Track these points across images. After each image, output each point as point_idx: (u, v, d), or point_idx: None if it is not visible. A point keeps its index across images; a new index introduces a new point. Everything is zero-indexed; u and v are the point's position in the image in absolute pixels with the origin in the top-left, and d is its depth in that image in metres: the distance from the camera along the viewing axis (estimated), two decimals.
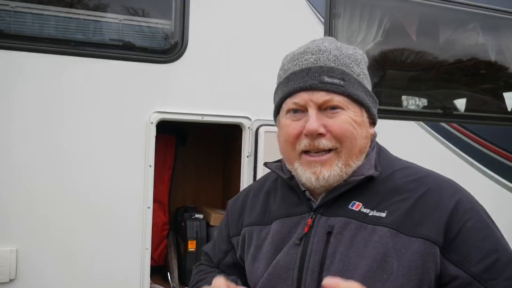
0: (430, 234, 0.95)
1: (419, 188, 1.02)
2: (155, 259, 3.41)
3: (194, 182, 4.08)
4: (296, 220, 1.08)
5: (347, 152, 1.03)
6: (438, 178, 1.07)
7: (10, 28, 2.47)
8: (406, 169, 1.08)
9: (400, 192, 1.02)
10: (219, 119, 2.75)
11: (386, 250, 0.96)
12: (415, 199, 1.00)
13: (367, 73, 1.11)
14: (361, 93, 1.06)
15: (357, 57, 1.09)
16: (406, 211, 0.99)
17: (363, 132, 1.06)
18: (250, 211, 1.20)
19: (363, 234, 0.99)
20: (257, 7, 2.83)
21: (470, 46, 3.62)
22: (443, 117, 3.39)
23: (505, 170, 3.45)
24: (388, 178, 1.05)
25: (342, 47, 1.08)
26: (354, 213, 1.02)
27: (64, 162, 2.46)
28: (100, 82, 2.52)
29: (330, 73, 1.03)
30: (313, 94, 1.02)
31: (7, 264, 2.34)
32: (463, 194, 1.03)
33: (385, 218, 0.99)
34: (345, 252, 0.98)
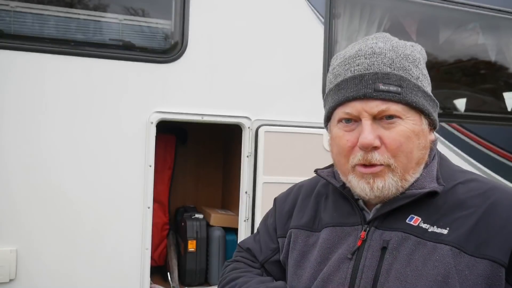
0: (496, 255, 0.86)
1: (486, 203, 0.92)
2: (155, 259, 3.41)
3: (194, 182, 4.08)
4: (347, 230, 1.01)
5: (402, 167, 0.95)
6: (507, 192, 0.95)
7: (10, 28, 2.47)
8: (470, 182, 0.98)
9: (463, 207, 0.92)
10: (219, 119, 2.75)
11: (448, 271, 0.87)
12: (480, 214, 0.90)
13: (426, 73, 1.01)
14: (420, 98, 0.95)
15: (416, 56, 0.99)
16: (470, 228, 0.89)
17: (421, 143, 0.96)
18: (299, 214, 1.14)
19: (422, 252, 0.90)
20: (257, 7, 2.83)
21: (470, 46, 3.62)
22: (443, 117, 3.40)
23: (505, 170, 3.45)
24: (450, 191, 0.96)
25: (399, 46, 0.99)
26: (412, 228, 0.93)
27: (64, 162, 2.46)
28: (100, 82, 2.52)
29: (386, 79, 0.93)
30: (367, 103, 0.94)
31: (7, 264, 2.34)
32: None
33: (446, 235, 0.90)
34: (402, 270, 0.90)
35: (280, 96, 2.84)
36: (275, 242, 1.18)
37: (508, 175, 3.47)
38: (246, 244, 1.26)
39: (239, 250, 1.29)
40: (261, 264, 1.19)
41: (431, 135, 1.01)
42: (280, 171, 2.79)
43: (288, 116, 2.83)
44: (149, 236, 2.61)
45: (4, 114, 2.37)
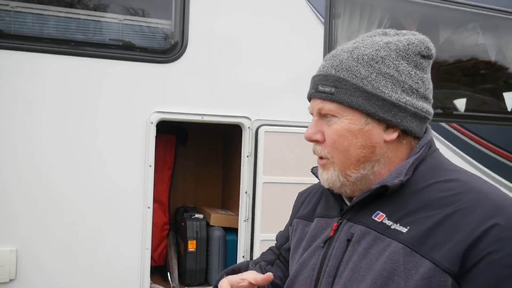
0: (440, 260, 0.84)
1: (451, 206, 0.89)
2: (155, 259, 3.41)
3: (194, 182, 4.08)
4: (328, 222, 1.09)
5: (339, 163, 1.01)
6: (480, 196, 0.90)
7: (10, 28, 2.47)
8: (448, 182, 0.94)
9: (429, 208, 0.91)
10: (219, 119, 2.75)
11: (395, 268, 0.88)
12: (442, 217, 0.88)
13: (388, 72, 0.98)
14: (357, 98, 0.97)
15: (377, 55, 0.99)
16: (428, 229, 0.89)
17: (359, 142, 0.98)
18: (305, 206, 1.24)
19: (379, 247, 0.93)
20: (257, 7, 2.83)
21: (470, 46, 3.62)
22: (443, 117, 3.40)
23: (505, 170, 3.45)
24: (423, 190, 0.95)
25: (363, 46, 1.01)
26: (375, 223, 0.97)
27: (64, 162, 2.46)
28: (100, 82, 2.53)
29: (325, 81, 1.01)
30: (313, 102, 1.05)
31: (7, 264, 2.34)
32: (505, 220, 0.85)
33: (404, 234, 0.91)
34: (358, 262, 0.95)
35: (280, 96, 2.84)
36: (287, 231, 1.31)
37: (508, 175, 3.47)
38: (277, 235, 1.40)
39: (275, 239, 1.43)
40: (278, 249, 1.33)
41: (391, 134, 0.99)
42: (280, 171, 2.79)
43: (288, 116, 2.83)
44: (149, 236, 2.61)
45: (4, 114, 2.37)
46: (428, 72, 1.03)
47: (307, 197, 1.27)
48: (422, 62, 1.01)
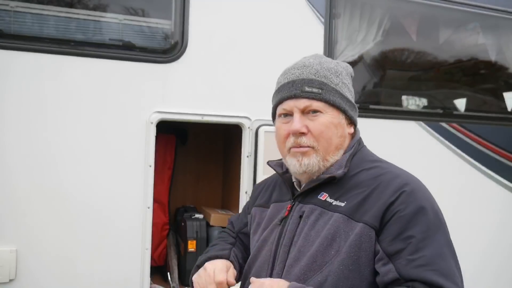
0: (369, 220, 1.15)
1: (374, 183, 1.21)
2: (155, 259, 3.41)
3: (194, 182, 4.08)
4: (283, 205, 1.36)
5: (323, 149, 1.26)
6: (394, 175, 1.23)
7: (10, 28, 2.47)
8: (372, 169, 1.27)
9: (360, 186, 1.23)
10: (219, 119, 2.75)
11: (336, 232, 1.18)
12: (368, 192, 1.20)
13: (347, 83, 1.33)
14: (337, 99, 1.28)
15: (338, 69, 1.32)
16: (360, 201, 1.19)
17: (338, 132, 1.28)
18: (262, 196, 1.49)
19: (324, 219, 1.22)
20: (257, 7, 2.83)
21: (470, 46, 3.62)
22: (443, 117, 3.40)
23: (505, 170, 3.45)
24: (355, 175, 1.26)
25: (325, 62, 1.32)
26: (321, 202, 1.25)
27: (64, 161, 2.46)
28: (100, 82, 2.52)
29: (310, 83, 1.27)
30: (297, 101, 1.27)
31: (7, 264, 2.34)
32: (410, 188, 1.18)
33: (343, 207, 1.21)
34: (308, 232, 1.23)
35: None
36: (246, 218, 1.55)
37: (508, 175, 3.47)
38: (232, 219, 1.65)
39: (228, 222, 1.66)
40: (236, 233, 1.56)
41: (350, 129, 1.33)
42: None
43: None
44: (149, 236, 2.61)
45: (4, 114, 2.37)
46: None
47: (262, 189, 1.52)
48: (351, 80, 1.38)
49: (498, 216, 3.46)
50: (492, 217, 3.43)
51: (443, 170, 3.27)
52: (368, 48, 3.24)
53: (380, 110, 3.26)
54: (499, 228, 3.46)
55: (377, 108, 3.27)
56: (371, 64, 3.32)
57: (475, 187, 3.39)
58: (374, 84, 3.39)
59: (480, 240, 3.36)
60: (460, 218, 3.17)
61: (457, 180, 3.33)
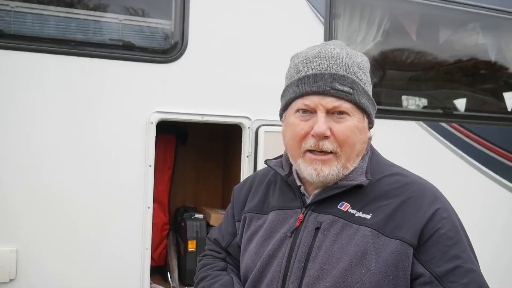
0: (406, 237, 1.05)
1: (403, 194, 1.11)
2: (155, 259, 3.41)
3: (194, 182, 4.08)
4: (289, 213, 1.19)
5: (345, 156, 1.13)
6: (422, 186, 1.15)
7: (10, 28, 2.47)
8: (394, 176, 1.17)
9: (385, 197, 1.11)
10: (219, 119, 2.75)
11: (366, 248, 1.05)
12: (398, 204, 1.09)
13: (370, 80, 1.20)
14: (366, 101, 1.15)
15: (364, 65, 1.18)
16: (389, 215, 1.08)
17: (362, 138, 1.16)
18: (252, 199, 1.32)
19: (348, 232, 1.09)
20: (257, 7, 2.83)
21: (470, 46, 3.62)
22: (443, 117, 3.39)
23: (505, 170, 3.45)
24: (377, 183, 1.14)
25: (352, 54, 1.16)
26: (342, 212, 1.12)
27: (64, 162, 2.46)
28: (100, 82, 2.52)
29: (342, 80, 1.10)
30: (324, 98, 1.10)
31: (7, 264, 2.34)
32: (442, 204, 1.11)
33: (369, 220, 1.08)
34: (330, 246, 1.08)
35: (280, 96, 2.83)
36: (233, 227, 1.36)
37: (508, 175, 3.47)
38: (212, 235, 1.43)
39: (208, 242, 1.45)
40: (225, 249, 1.36)
41: (369, 132, 1.21)
42: None
43: None
44: (149, 236, 2.61)
45: (4, 114, 2.37)
46: None
47: (248, 191, 1.35)
48: None
49: (498, 215, 3.45)
50: (492, 217, 3.43)
51: (444, 170, 3.27)
52: (368, 48, 3.24)
53: (380, 110, 3.25)
54: (500, 228, 3.45)
55: (377, 108, 3.26)
56: (371, 64, 3.31)
57: (474, 187, 3.39)
58: (374, 84, 3.39)
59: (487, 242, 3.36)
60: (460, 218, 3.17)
61: (457, 180, 3.33)
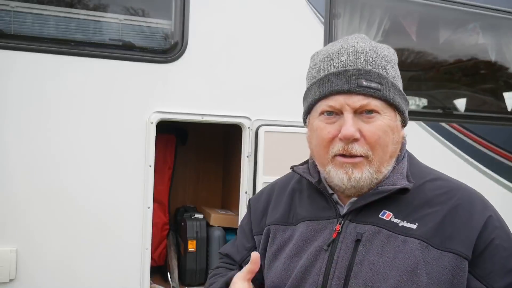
0: (459, 249, 0.95)
1: (450, 201, 1.00)
2: (155, 259, 3.41)
3: (194, 182, 4.08)
4: (322, 224, 1.07)
5: (378, 159, 1.01)
6: (468, 192, 1.05)
7: (10, 28, 2.47)
8: (436, 181, 1.06)
9: (431, 204, 1.00)
10: (219, 119, 2.75)
11: (417, 262, 0.94)
12: (446, 212, 0.99)
13: (399, 74, 1.08)
14: (396, 96, 1.03)
15: (392, 57, 1.06)
16: (437, 224, 0.97)
17: (395, 138, 1.04)
18: (273, 210, 1.19)
19: (393, 244, 0.97)
20: (257, 7, 2.83)
21: (470, 46, 3.62)
22: (443, 117, 3.39)
23: (505, 170, 3.45)
24: (419, 189, 1.03)
25: (377, 47, 1.05)
26: (384, 222, 1.00)
27: (64, 162, 2.46)
28: (100, 82, 2.52)
29: (368, 76, 0.99)
30: (349, 97, 0.99)
31: (7, 264, 2.34)
32: (493, 212, 1.02)
33: (415, 230, 0.97)
34: (374, 260, 0.97)
35: (280, 96, 2.84)
36: (251, 241, 1.22)
37: (508, 175, 3.47)
38: (225, 250, 1.32)
39: (220, 257, 1.35)
40: (239, 264, 1.24)
41: (402, 131, 1.08)
42: (280, 171, 2.76)
43: (288, 116, 2.83)
44: (149, 236, 2.61)
45: (5, 114, 2.37)
46: None
47: (269, 203, 1.22)
48: None
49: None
50: None
51: (443, 170, 3.27)
52: None
53: None
54: None
55: None
56: None
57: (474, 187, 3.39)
58: None
59: None
60: None
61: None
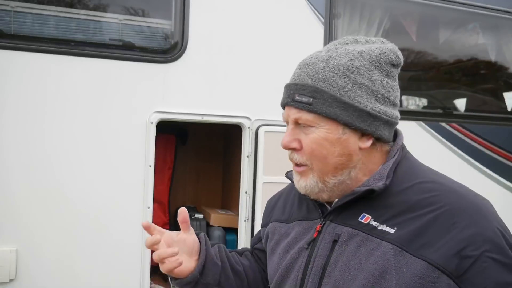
0: (434, 258, 0.89)
1: (436, 206, 0.94)
2: None
3: (194, 182, 4.08)
4: (310, 224, 1.12)
5: (318, 170, 1.03)
6: (461, 196, 0.97)
7: (10, 28, 2.47)
8: (428, 183, 1.00)
9: (415, 208, 0.96)
10: (219, 119, 2.75)
11: (387, 267, 0.93)
12: (430, 218, 0.93)
13: (366, 81, 1.01)
14: (335, 109, 1.00)
15: (353, 64, 1.01)
16: (417, 230, 0.93)
17: (336, 150, 1.01)
18: (279, 209, 1.28)
19: (367, 247, 0.97)
20: (257, 7, 2.83)
21: (470, 46, 3.62)
22: (443, 117, 3.39)
23: (505, 170, 3.45)
24: (406, 191, 0.99)
25: (337, 56, 1.03)
26: (362, 225, 1.00)
27: (64, 162, 2.46)
28: (100, 82, 2.52)
29: (302, 91, 1.03)
30: (289, 110, 1.07)
31: (7, 264, 2.34)
32: (488, 221, 0.92)
33: (392, 234, 0.95)
34: (347, 262, 0.98)
35: (280, 96, 2.83)
36: (260, 233, 1.37)
37: (508, 175, 3.47)
38: None
39: None
40: (252, 247, 1.40)
41: (364, 142, 1.02)
42: (280, 171, 2.77)
43: None
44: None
45: (4, 114, 2.37)
46: (396, 79, 1.07)
47: (278, 201, 1.32)
48: (392, 70, 1.04)
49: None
50: None
51: (443, 170, 3.27)
52: None
53: None
54: None
55: None
56: None
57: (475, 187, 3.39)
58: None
59: None
60: None
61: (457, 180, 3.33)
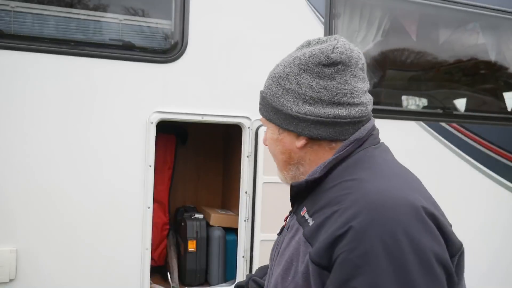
0: (312, 253, 0.93)
1: (342, 204, 0.94)
2: (155, 259, 3.41)
3: (194, 182, 4.08)
4: None
5: (277, 165, 1.21)
6: (362, 195, 0.93)
7: (10, 28, 2.47)
8: (350, 181, 0.99)
9: (330, 204, 0.98)
10: (219, 119, 2.75)
11: (296, 255, 1.01)
12: (330, 213, 0.95)
13: (290, 87, 1.07)
14: (270, 113, 1.14)
15: (285, 71, 1.10)
16: (319, 224, 0.97)
17: (278, 148, 1.15)
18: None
19: (296, 237, 1.06)
20: (257, 7, 2.83)
21: (470, 46, 3.62)
22: (443, 117, 3.40)
23: (505, 170, 3.45)
24: (334, 187, 1.01)
25: (280, 65, 1.16)
26: (300, 217, 1.08)
27: (64, 162, 2.46)
28: (100, 82, 2.53)
29: (260, 97, 1.23)
30: None
31: (7, 264, 2.34)
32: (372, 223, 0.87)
33: (310, 227, 1.00)
34: (283, 249, 1.10)
35: None
36: None
37: (508, 175, 3.47)
38: None
39: None
40: None
41: (299, 142, 1.09)
42: None
43: None
44: (149, 236, 2.61)
45: (3, 114, 2.37)
46: (336, 78, 1.03)
47: None
48: (324, 71, 1.04)
49: (498, 216, 3.45)
50: (490, 216, 3.43)
51: (443, 170, 3.27)
52: (368, 48, 3.24)
53: (380, 110, 3.26)
54: (500, 229, 3.46)
55: (377, 108, 3.27)
56: (371, 64, 3.32)
57: (475, 187, 3.39)
58: (374, 84, 3.39)
59: (488, 242, 3.36)
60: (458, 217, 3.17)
61: (456, 181, 3.33)
